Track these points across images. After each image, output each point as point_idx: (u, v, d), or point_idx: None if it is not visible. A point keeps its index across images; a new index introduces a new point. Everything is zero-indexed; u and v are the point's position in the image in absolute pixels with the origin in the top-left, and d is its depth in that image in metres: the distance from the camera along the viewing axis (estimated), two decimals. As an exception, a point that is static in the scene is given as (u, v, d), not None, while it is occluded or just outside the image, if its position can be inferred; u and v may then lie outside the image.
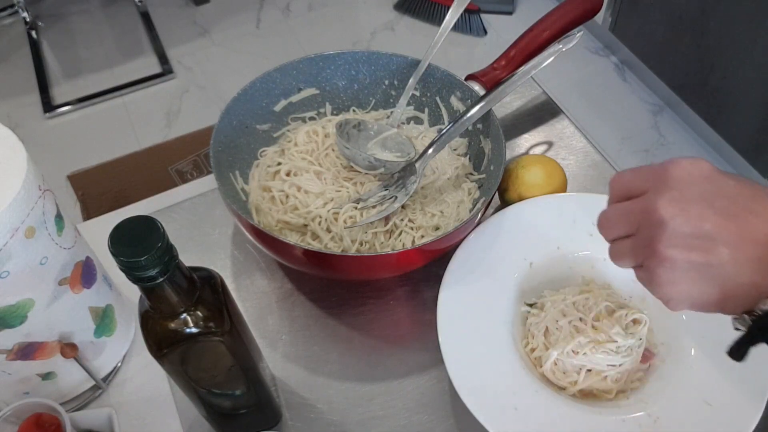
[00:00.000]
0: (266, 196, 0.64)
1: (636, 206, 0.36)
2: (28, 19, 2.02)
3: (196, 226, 0.70)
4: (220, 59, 1.95)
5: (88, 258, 0.53)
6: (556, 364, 0.54)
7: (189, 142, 1.69)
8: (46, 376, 0.54)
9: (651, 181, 0.36)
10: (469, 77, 0.69)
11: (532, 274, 0.60)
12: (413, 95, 0.71)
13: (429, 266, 0.61)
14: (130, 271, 0.36)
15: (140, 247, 0.35)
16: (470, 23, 1.95)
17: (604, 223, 0.39)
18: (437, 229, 0.62)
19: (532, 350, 0.56)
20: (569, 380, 0.54)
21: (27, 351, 0.50)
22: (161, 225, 0.36)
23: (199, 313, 0.41)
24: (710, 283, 0.34)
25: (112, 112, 1.83)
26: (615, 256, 0.39)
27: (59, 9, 2.11)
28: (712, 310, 0.35)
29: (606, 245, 0.61)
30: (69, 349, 0.52)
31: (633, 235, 0.37)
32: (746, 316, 0.34)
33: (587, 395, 0.54)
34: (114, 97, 1.85)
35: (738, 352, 0.35)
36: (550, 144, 0.77)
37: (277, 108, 0.70)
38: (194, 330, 0.41)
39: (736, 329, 0.35)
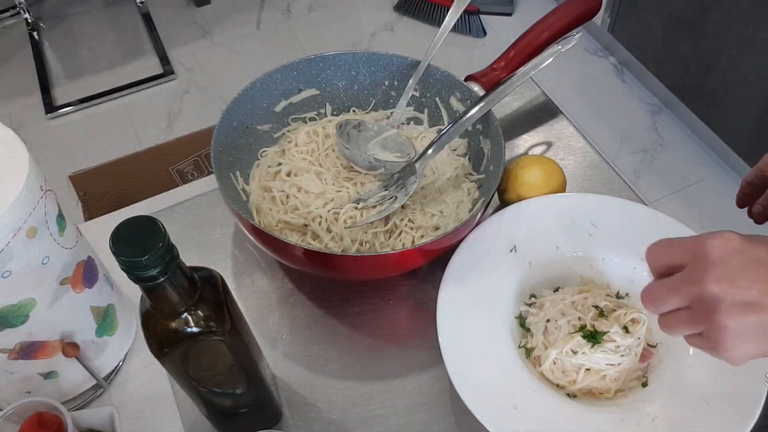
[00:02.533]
0: (267, 196, 0.64)
1: (682, 282, 0.41)
2: (29, 20, 2.02)
3: (197, 226, 0.70)
4: (220, 60, 1.95)
5: (89, 258, 0.53)
6: (555, 363, 0.55)
7: (190, 143, 1.69)
8: (48, 375, 0.54)
9: (689, 257, 0.41)
10: (469, 78, 0.69)
11: (531, 274, 0.60)
12: (413, 96, 0.72)
13: (429, 266, 0.61)
14: (132, 271, 0.36)
15: (141, 246, 0.35)
16: (470, 24, 1.95)
17: (654, 300, 0.43)
18: (437, 229, 0.62)
19: (532, 349, 0.56)
20: (568, 379, 0.54)
21: (29, 350, 0.51)
22: (162, 225, 0.36)
23: (199, 312, 0.41)
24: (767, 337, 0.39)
25: (114, 112, 1.83)
26: (668, 326, 0.43)
27: (61, 10, 2.11)
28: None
29: (605, 245, 0.61)
30: (70, 348, 0.52)
31: (684, 308, 0.41)
32: None
33: (586, 394, 0.55)
34: (115, 98, 1.85)
35: None
36: (549, 144, 0.77)
37: (278, 108, 0.70)
38: (195, 329, 0.41)
39: None
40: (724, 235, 0.40)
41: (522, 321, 0.59)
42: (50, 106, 1.82)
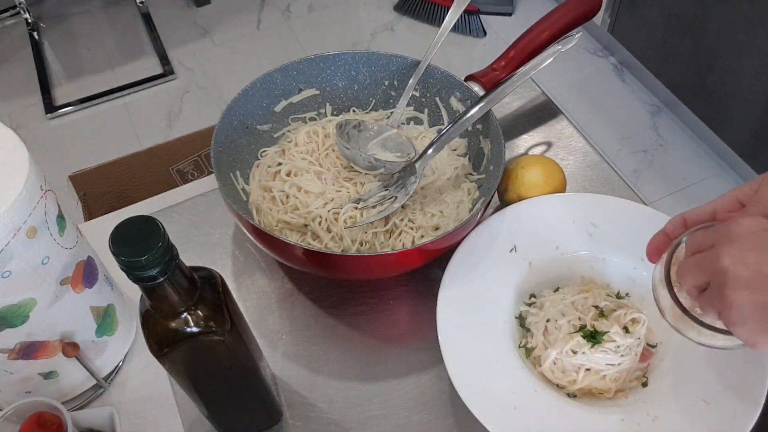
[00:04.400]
0: (267, 196, 0.64)
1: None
2: (29, 20, 2.02)
3: (197, 225, 0.70)
4: (220, 60, 1.95)
5: (89, 258, 0.53)
6: (555, 363, 0.55)
7: (190, 143, 1.69)
8: (48, 375, 0.54)
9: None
10: (469, 78, 0.69)
11: (531, 273, 0.60)
12: (413, 96, 0.72)
13: (429, 266, 0.61)
14: (131, 271, 0.36)
15: (141, 246, 0.35)
16: (470, 24, 1.95)
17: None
18: (437, 229, 0.62)
19: (532, 349, 0.56)
20: (568, 379, 0.54)
21: (29, 350, 0.51)
22: (162, 225, 0.36)
23: (199, 312, 0.41)
24: None
25: (114, 112, 1.83)
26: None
27: (61, 10, 2.11)
28: None
29: (605, 245, 0.61)
30: (70, 348, 0.52)
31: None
32: None
33: (586, 394, 0.55)
34: (115, 98, 1.85)
35: None
36: (549, 144, 0.77)
37: (278, 108, 0.70)
38: (195, 329, 0.41)
39: None
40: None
41: (522, 321, 0.59)
42: (50, 106, 1.82)
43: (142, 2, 2.07)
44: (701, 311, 0.43)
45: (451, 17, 0.69)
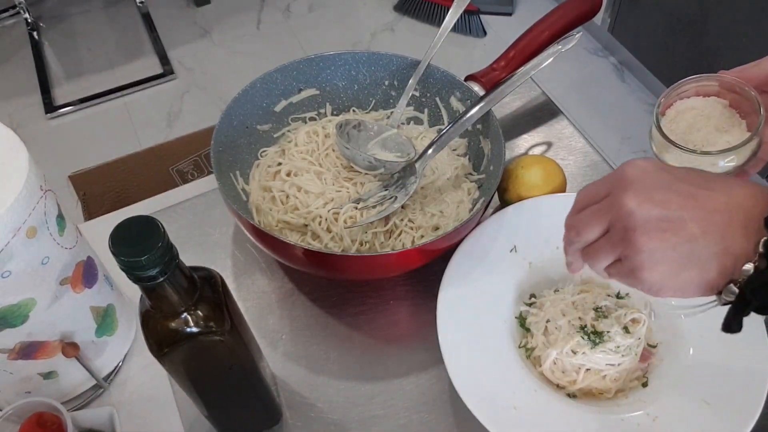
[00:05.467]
0: (266, 196, 0.64)
1: (603, 205, 0.39)
2: (29, 20, 2.02)
3: (197, 226, 0.70)
4: (220, 60, 1.95)
5: (89, 258, 0.53)
6: (555, 363, 0.55)
7: (190, 143, 1.69)
8: (48, 375, 0.54)
9: (611, 183, 0.39)
10: (469, 78, 0.69)
11: (531, 273, 0.60)
12: (413, 96, 0.72)
13: (429, 266, 0.61)
14: (131, 271, 0.36)
15: (141, 246, 0.35)
16: (470, 24, 1.95)
17: (576, 226, 0.41)
18: (437, 229, 0.62)
19: (532, 349, 0.56)
20: (568, 379, 0.54)
21: (28, 350, 0.51)
22: (162, 225, 0.36)
23: (199, 312, 0.41)
24: (688, 261, 0.36)
25: (114, 112, 1.83)
26: (591, 256, 0.41)
27: (61, 10, 2.11)
28: (696, 293, 0.38)
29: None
30: (70, 348, 0.52)
31: (605, 234, 0.40)
32: (732, 286, 0.36)
33: (586, 394, 0.55)
34: (115, 98, 1.85)
35: (734, 323, 0.37)
36: (549, 144, 0.77)
37: (278, 108, 0.70)
38: (195, 329, 0.41)
39: (725, 303, 0.37)
40: (646, 158, 0.39)
41: (522, 321, 0.59)
42: (50, 106, 1.82)
43: (141, 2, 2.07)
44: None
45: (451, 17, 0.69)
